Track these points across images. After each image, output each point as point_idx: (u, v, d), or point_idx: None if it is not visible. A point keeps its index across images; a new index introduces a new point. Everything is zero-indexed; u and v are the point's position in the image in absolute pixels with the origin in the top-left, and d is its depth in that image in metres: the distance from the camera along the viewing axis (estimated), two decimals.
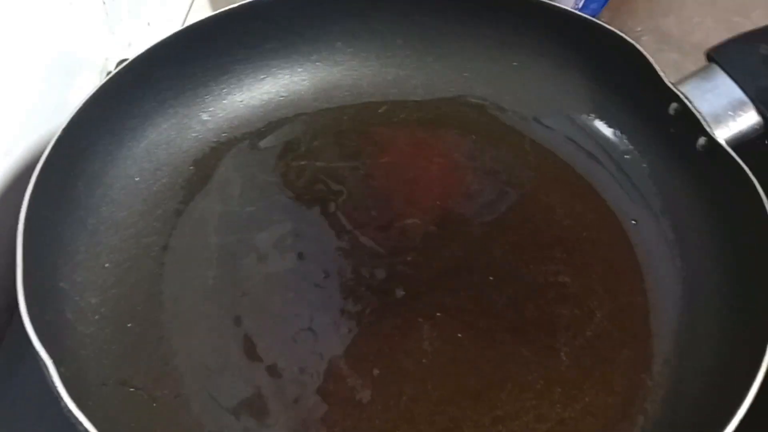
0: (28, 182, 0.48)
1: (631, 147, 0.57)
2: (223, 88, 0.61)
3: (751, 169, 0.49)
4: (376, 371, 0.49)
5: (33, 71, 0.55)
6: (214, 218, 0.57)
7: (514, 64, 0.61)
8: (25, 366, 0.51)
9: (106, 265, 0.53)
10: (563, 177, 0.59)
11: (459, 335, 0.51)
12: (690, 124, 0.51)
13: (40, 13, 0.54)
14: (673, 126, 0.53)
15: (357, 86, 0.63)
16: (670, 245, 0.53)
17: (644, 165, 0.56)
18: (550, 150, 0.60)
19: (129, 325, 0.51)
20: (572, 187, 0.58)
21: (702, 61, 0.52)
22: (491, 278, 0.53)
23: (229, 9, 0.58)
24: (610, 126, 0.58)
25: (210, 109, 0.60)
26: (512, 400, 0.49)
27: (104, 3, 0.61)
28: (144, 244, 0.55)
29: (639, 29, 0.56)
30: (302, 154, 0.60)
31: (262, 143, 0.60)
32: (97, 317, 0.51)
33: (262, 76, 0.62)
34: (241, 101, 0.61)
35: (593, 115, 0.59)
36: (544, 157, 0.60)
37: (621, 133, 0.57)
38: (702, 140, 0.51)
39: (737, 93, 0.50)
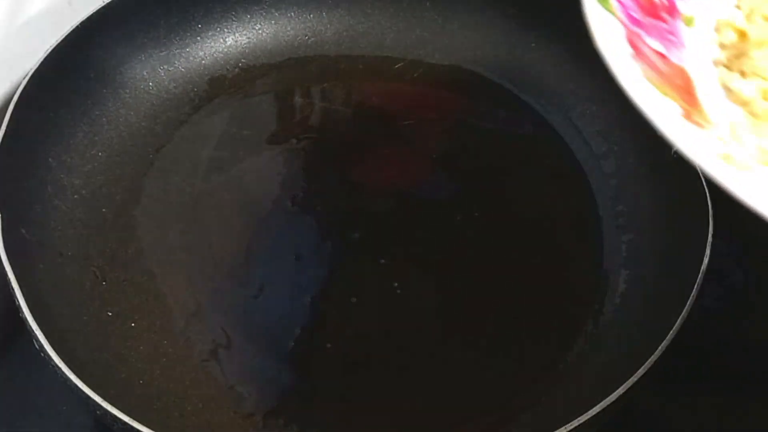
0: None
1: (614, 146, 0.57)
2: (251, 17, 0.64)
3: None
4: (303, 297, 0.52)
5: None
6: (212, 135, 0.60)
7: (532, 45, 0.62)
8: (32, 373, 0.51)
9: (99, 154, 0.57)
10: (557, 170, 0.59)
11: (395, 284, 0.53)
12: None
13: None
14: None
15: (380, 40, 0.65)
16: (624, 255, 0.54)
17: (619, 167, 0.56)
18: (552, 136, 0.60)
19: (104, 210, 0.55)
20: (563, 182, 0.59)
21: None
22: (447, 244, 0.55)
23: None
24: (606, 121, 0.58)
25: (235, 35, 0.64)
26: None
27: None
28: (140, 144, 0.59)
29: None
30: (311, 93, 0.63)
31: (278, 77, 0.63)
32: (76, 197, 0.55)
33: (290, 14, 0.64)
34: (266, 33, 0.64)
35: (594, 108, 0.59)
36: (542, 140, 0.60)
37: (608, 130, 0.58)
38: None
39: None
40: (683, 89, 0.36)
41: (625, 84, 0.32)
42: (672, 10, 0.40)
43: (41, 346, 0.43)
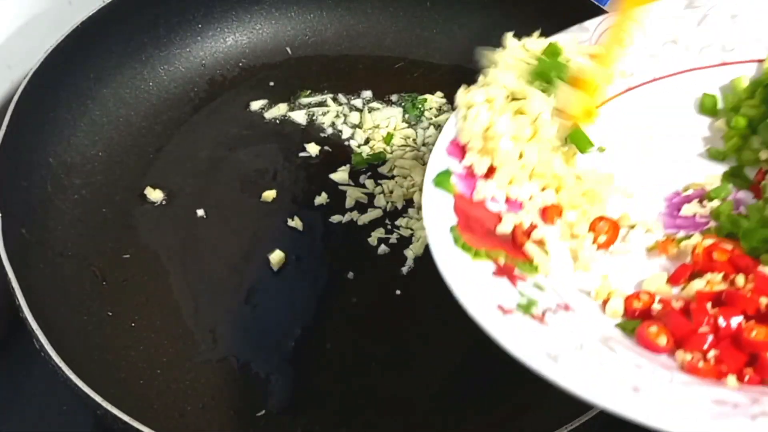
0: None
1: None
2: (251, 17, 0.64)
3: None
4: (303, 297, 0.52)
5: None
6: (212, 135, 0.60)
7: None
8: (32, 373, 0.52)
9: (99, 154, 0.57)
10: None
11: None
12: None
13: None
14: None
15: (380, 40, 0.65)
16: None
17: None
18: None
19: (104, 210, 0.55)
20: None
21: None
22: None
23: None
24: None
25: (235, 35, 0.64)
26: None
27: None
28: (140, 144, 0.59)
29: None
30: (312, 95, 0.62)
31: (276, 78, 0.63)
32: (76, 197, 0.55)
33: (290, 14, 0.65)
34: (266, 33, 0.64)
35: None
36: None
37: None
38: None
39: None
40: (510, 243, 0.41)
41: (435, 252, 0.38)
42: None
43: (41, 345, 0.44)
